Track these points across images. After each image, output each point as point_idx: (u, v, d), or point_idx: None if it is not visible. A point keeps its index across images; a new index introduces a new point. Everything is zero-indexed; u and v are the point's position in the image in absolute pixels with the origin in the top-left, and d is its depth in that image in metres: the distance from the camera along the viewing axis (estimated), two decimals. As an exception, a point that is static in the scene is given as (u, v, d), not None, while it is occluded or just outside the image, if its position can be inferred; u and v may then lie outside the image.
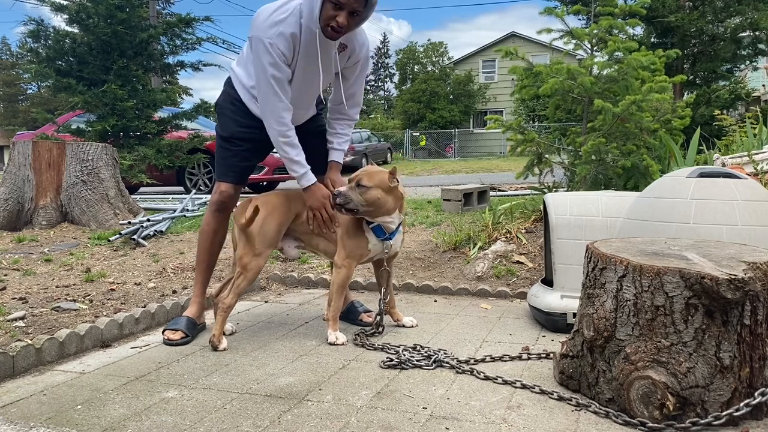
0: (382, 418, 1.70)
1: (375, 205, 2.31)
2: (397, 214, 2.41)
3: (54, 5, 7.45)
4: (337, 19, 2.26)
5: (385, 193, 2.32)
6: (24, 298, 2.91)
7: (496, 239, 3.78)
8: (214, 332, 2.37)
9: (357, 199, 2.29)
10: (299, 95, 2.50)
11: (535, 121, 22.42)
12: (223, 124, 2.59)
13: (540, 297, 2.58)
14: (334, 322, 2.44)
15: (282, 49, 2.30)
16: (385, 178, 2.32)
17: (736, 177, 2.21)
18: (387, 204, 2.34)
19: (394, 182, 2.33)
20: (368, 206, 2.31)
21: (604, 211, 2.48)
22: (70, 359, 2.25)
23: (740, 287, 1.55)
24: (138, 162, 7.04)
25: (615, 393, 1.71)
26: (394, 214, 2.40)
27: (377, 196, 2.30)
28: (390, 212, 2.37)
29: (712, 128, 9.16)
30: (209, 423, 1.68)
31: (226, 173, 2.59)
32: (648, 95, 3.72)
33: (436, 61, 33.33)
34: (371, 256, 2.48)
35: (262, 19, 2.32)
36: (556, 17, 4.31)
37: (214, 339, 2.35)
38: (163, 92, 7.94)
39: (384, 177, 2.32)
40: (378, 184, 2.30)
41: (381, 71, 52.33)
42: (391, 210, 2.37)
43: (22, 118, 39.58)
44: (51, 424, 1.68)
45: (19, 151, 4.99)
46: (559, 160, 4.37)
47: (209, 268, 2.67)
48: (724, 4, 13.42)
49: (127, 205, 5.27)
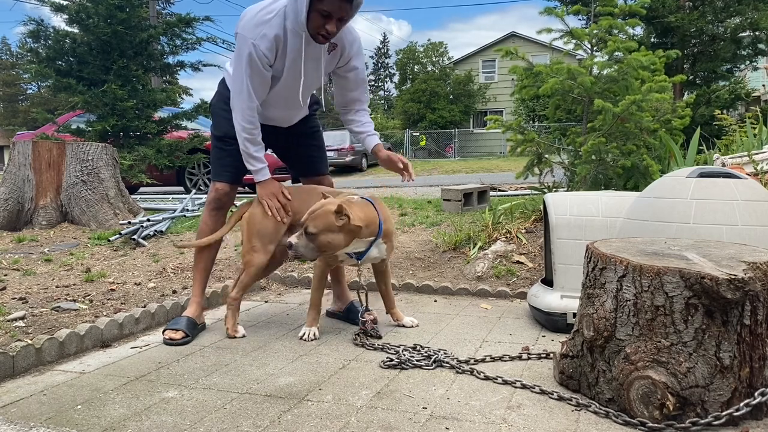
0: (382, 418, 1.70)
1: (329, 247, 2.24)
2: (356, 242, 2.31)
3: (54, 5, 7.45)
4: (327, 27, 2.29)
5: (335, 233, 2.23)
6: (24, 298, 2.91)
7: (496, 239, 3.77)
8: (228, 325, 2.47)
9: (307, 247, 2.22)
10: (288, 95, 2.51)
11: (535, 121, 22.41)
12: (217, 124, 2.60)
13: (540, 297, 2.58)
14: (309, 318, 2.49)
15: (264, 50, 2.31)
16: (331, 220, 2.20)
17: (736, 177, 2.21)
18: (340, 242, 2.26)
19: (342, 220, 2.21)
20: (320, 249, 2.24)
21: (604, 211, 2.48)
22: (70, 359, 2.25)
23: (740, 287, 1.55)
24: (138, 162, 7.04)
25: (615, 393, 1.71)
26: (354, 244, 2.31)
27: (327, 240, 2.22)
28: (346, 245, 2.29)
29: (712, 128, 9.15)
30: (209, 423, 1.68)
31: (222, 173, 2.60)
32: (648, 95, 3.72)
33: (436, 61, 33.31)
34: (343, 261, 2.49)
35: (248, 18, 2.34)
36: (556, 17, 4.31)
37: (229, 330, 2.45)
38: (163, 92, 7.95)
39: (329, 219, 2.21)
40: (324, 228, 2.21)
41: (381, 71, 52.33)
42: (349, 243, 2.29)
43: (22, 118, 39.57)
44: (51, 424, 1.68)
45: (19, 151, 4.99)
46: (559, 160, 4.37)
47: (208, 268, 2.67)
48: (724, 4, 13.43)
49: (127, 205, 5.26)
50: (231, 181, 2.60)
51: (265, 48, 2.31)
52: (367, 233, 2.31)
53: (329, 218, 2.20)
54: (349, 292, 2.82)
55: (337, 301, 2.82)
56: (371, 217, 2.31)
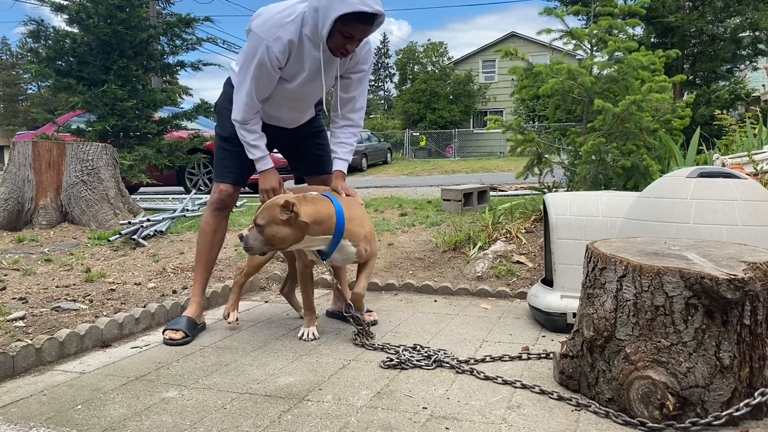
0: (382, 418, 1.70)
1: (275, 240, 2.21)
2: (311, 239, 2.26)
3: (54, 5, 7.45)
4: (347, 46, 2.30)
5: (280, 226, 2.19)
6: (24, 298, 2.91)
7: (496, 239, 3.78)
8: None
9: (256, 239, 2.21)
10: (301, 100, 2.53)
11: (535, 121, 22.41)
12: (222, 125, 2.59)
13: (540, 297, 2.58)
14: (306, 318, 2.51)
15: (276, 53, 2.30)
16: (276, 213, 2.18)
17: (736, 177, 2.21)
18: (287, 236, 2.21)
19: (286, 215, 2.18)
20: (268, 242, 2.21)
21: (604, 211, 2.48)
22: (70, 359, 2.26)
23: (740, 287, 1.55)
24: (138, 162, 7.04)
25: (615, 393, 1.71)
26: (308, 240, 2.26)
27: (273, 233, 2.19)
28: (298, 241, 2.24)
29: (712, 128, 9.15)
30: (209, 423, 1.68)
31: (226, 173, 2.60)
32: (648, 95, 3.72)
33: (436, 61, 33.29)
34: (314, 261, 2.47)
35: (264, 18, 2.32)
36: (556, 17, 4.31)
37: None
38: (163, 92, 7.95)
39: (274, 212, 2.18)
40: (270, 221, 2.19)
41: (381, 71, 52.32)
42: (299, 239, 2.24)
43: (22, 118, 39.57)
44: (51, 424, 1.68)
45: (19, 151, 4.99)
46: (559, 160, 4.37)
47: (208, 268, 2.67)
48: (724, 4, 13.42)
49: (127, 205, 5.26)
50: (235, 182, 2.60)
51: (278, 51, 2.30)
52: (319, 231, 2.25)
53: (274, 211, 2.18)
54: (350, 293, 2.82)
55: (337, 300, 2.82)
56: (322, 215, 2.25)
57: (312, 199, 2.27)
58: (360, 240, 2.36)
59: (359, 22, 2.22)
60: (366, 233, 2.39)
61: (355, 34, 2.27)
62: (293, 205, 2.17)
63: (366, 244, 2.39)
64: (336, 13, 2.18)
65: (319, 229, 2.25)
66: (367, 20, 2.24)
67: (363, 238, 2.37)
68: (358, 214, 2.38)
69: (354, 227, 2.33)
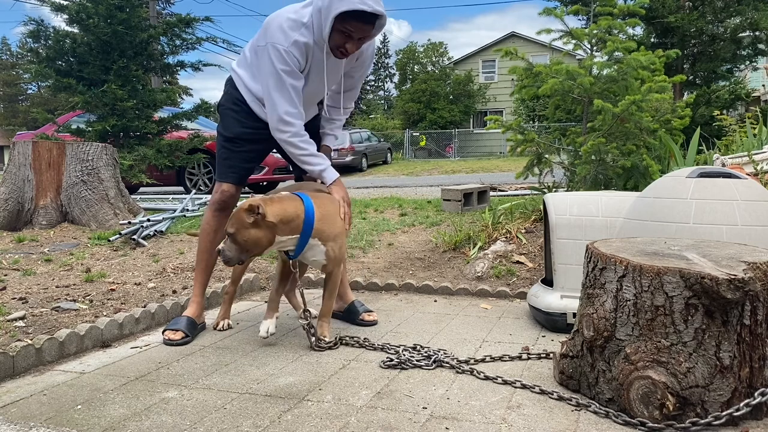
0: (382, 418, 1.70)
1: (249, 245, 2.20)
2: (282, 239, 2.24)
3: (54, 5, 7.45)
4: (346, 46, 2.31)
5: (250, 230, 2.18)
6: (24, 298, 2.91)
7: (496, 239, 3.78)
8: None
9: (231, 249, 2.20)
10: (309, 99, 2.56)
11: (535, 121, 22.42)
12: (226, 125, 2.59)
13: (540, 297, 2.58)
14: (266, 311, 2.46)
15: (297, 56, 2.32)
16: (243, 217, 2.18)
17: (736, 177, 2.21)
18: (260, 239, 2.20)
19: (252, 217, 2.16)
20: (245, 251, 2.21)
21: (604, 211, 2.48)
22: (70, 359, 2.26)
23: (740, 287, 1.55)
24: (138, 162, 7.04)
25: (615, 393, 1.71)
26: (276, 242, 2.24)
27: (244, 238, 2.18)
28: (271, 242, 2.23)
29: (712, 128, 9.15)
30: (209, 423, 1.68)
31: (228, 174, 2.60)
32: (648, 95, 3.72)
33: (436, 61, 33.30)
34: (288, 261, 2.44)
35: (276, 26, 2.32)
36: (556, 17, 4.31)
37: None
38: (163, 92, 7.95)
39: (241, 217, 2.18)
40: (239, 227, 2.18)
41: (381, 71, 52.31)
42: (271, 240, 2.22)
43: (22, 118, 39.58)
44: (51, 424, 1.68)
45: (19, 151, 4.99)
46: (559, 160, 4.37)
47: (209, 268, 2.67)
48: (724, 4, 13.43)
49: (127, 205, 5.26)
50: (236, 182, 2.61)
51: (298, 54, 2.32)
52: (287, 230, 2.23)
53: (241, 216, 2.18)
54: (351, 293, 2.82)
55: (338, 300, 2.81)
56: (290, 214, 2.23)
57: (279, 198, 2.26)
58: (329, 239, 2.31)
59: (358, 20, 2.23)
60: (336, 233, 2.34)
61: (354, 33, 2.27)
62: (258, 207, 2.16)
63: (334, 244, 2.34)
64: (335, 11, 2.19)
65: (287, 228, 2.23)
66: (366, 19, 2.25)
67: (333, 237, 2.33)
68: (330, 213, 2.33)
69: (323, 226, 2.29)
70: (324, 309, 2.45)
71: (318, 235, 2.28)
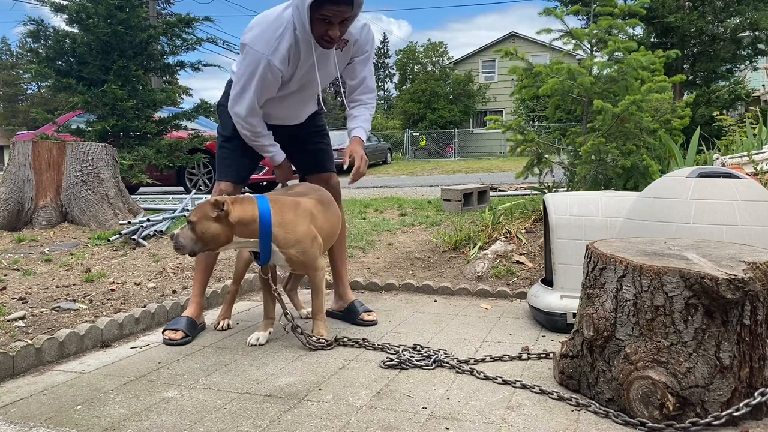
0: (382, 418, 1.70)
1: (206, 238, 2.22)
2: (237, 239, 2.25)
3: (54, 5, 7.45)
4: (329, 33, 2.29)
5: (211, 223, 2.21)
6: (24, 298, 2.91)
7: (496, 239, 3.78)
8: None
9: (186, 237, 2.22)
10: (300, 98, 2.56)
11: (535, 121, 22.41)
12: (225, 124, 2.62)
13: (540, 297, 2.58)
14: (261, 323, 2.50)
15: (278, 65, 2.33)
16: (207, 210, 2.21)
17: (736, 177, 2.21)
18: (218, 234, 2.22)
19: (215, 211, 2.20)
20: (199, 241, 2.22)
21: (604, 211, 2.48)
22: (70, 359, 2.26)
23: (740, 287, 1.55)
24: (138, 162, 7.04)
25: (615, 393, 1.71)
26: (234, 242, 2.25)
27: (203, 229, 2.21)
28: (228, 240, 2.24)
29: (712, 128, 9.16)
30: (209, 423, 1.68)
31: (226, 173, 2.61)
32: (648, 95, 3.72)
33: (436, 61, 33.29)
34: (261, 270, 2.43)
35: (258, 32, 2.33)
36: (556, 17, 4.31)
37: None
38: (163, 92, 7.95)
39: (206, 209, 2.22)
40: (201, 217, 2.22)
41: (381, 71, 52.31)
42: (228, 238, 2.24)
43: (22, 118, 39.56)
44: (51, 424, 1.68)
45: (19, 151, 4.99)
46: (558, 160, 4.37)
47: (208, 268, 2.68)
48: (724, 4, 13.42)
49: (127, 205, 5.26)
50: (235, 182, 2.62)
51: (279, 63, 2.33)
52: (246, 232, 2.25)
53: (206, 208, 2.22)
54: (351, 292, 2.82)
55: (338, 300, 2.82)
56: (246, 217, 2.24)
57: (241, 200, 2.29)
58: (287, 245, 2.30)
59: (331, 3, 2.22)
60: (297, 239, 2.31)
61: (333, 16, 2.25)
62: (223, 204, 2.20)
63: (295, 251, 2.32)
64: (308, 1, 2.19)
65: (245, 230, 2.25)
66: (338, 1, 2.23)
67: (292, 244, 2.31)
68: (289, 220, 2.32)
69: (281, 232, 2.29)
70: (314, 309, 2.46)
71: (276, 241, 2.29)
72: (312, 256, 2.36)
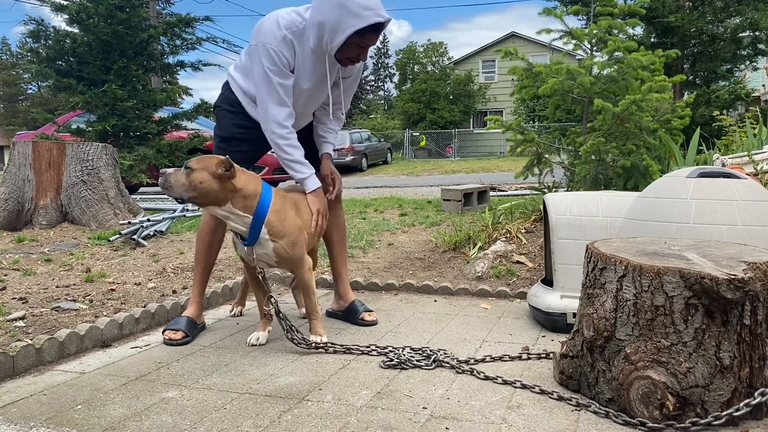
0: (382, 418, 1.70)
1: (198, 189, 2.16)
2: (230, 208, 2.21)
3: (54, 5, 7.45)
4: (360, 56, 2.39)
5: (210, 177, 2.16)
6: (24, 298, 2.91)
7: (496, 239, 3.78)
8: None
9: (179, 181, 2.16)
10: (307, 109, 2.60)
11: (535, 121, 22.42)
12: (221, 126, 2.64)
13: (540, 297, 2.58)
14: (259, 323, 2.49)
15: (286, 56, 2.37)
16: (213, 162, 2.18)
17: (736, 177, 2.21)
18: (212, 190, 2.17)
19: (221, 169, 2.16)
20: (191, 190, 2.17)
21: (604, 211, 2.48)
22: (70, 359, 2.26)
23: (740, 287, 1.55)
24: (138, 162, 7.04)
25: (615, 393, 1.71)
26: (225, 207, 2.21)
27: (200, 179, 2.15)
28: (219, 203, 2.20)
29: (712, 128, 9.16)
30: (209, 423, 1.68)
31: None
32: (648, 95, 3.72)
33: (436, 61, 33.29)
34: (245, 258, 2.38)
35: (267, 26, 2.38)
36: (556, 18, 4.31)
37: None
38: (163, 92, 7.95)
39: (212, 161, 2.18)
40: (204, 167, 2.17)
41: (381, 71, 52.30)
42: (220, 201, 2.19)
43: (22, 118, 39.57)
44: (51, 424, 1.68)
45: (19, 151, 4.99)
46: (558, 160, 4.37)
47: (208, 268, 2.68)
48: (724, 4, 13.43)
49: (127, 205, 5.26)
50: None
51: (286, 53, 2.37)
52: (241, 204, 2.22)
53: (211, 161, 2.18)
54: (352, 292, 2.82)
55: (339, 300, 2.81)
56: (249, 190, 2.23)
57: (249, 173, 2.29)
58: (278, 235, 2.27)
59: (374, 32, 2.32)
60: (287, 231, 2.30)
61: (369, 44, 2.36)
62: (232, 165, 2.17)
63: (285, 243, 2.29)
64: (352, 28, 2.25)
65: (242, 202, 2.22)
66: (380, 29, 2.33)
67: (283, 234, 2.29)
68: (285, 210, 2.31)
69: (275, 218, 2.27)
70: (308, 309, 2.44)
71: (268, 227, 2.25)
72: (299, 253, 2.34)
